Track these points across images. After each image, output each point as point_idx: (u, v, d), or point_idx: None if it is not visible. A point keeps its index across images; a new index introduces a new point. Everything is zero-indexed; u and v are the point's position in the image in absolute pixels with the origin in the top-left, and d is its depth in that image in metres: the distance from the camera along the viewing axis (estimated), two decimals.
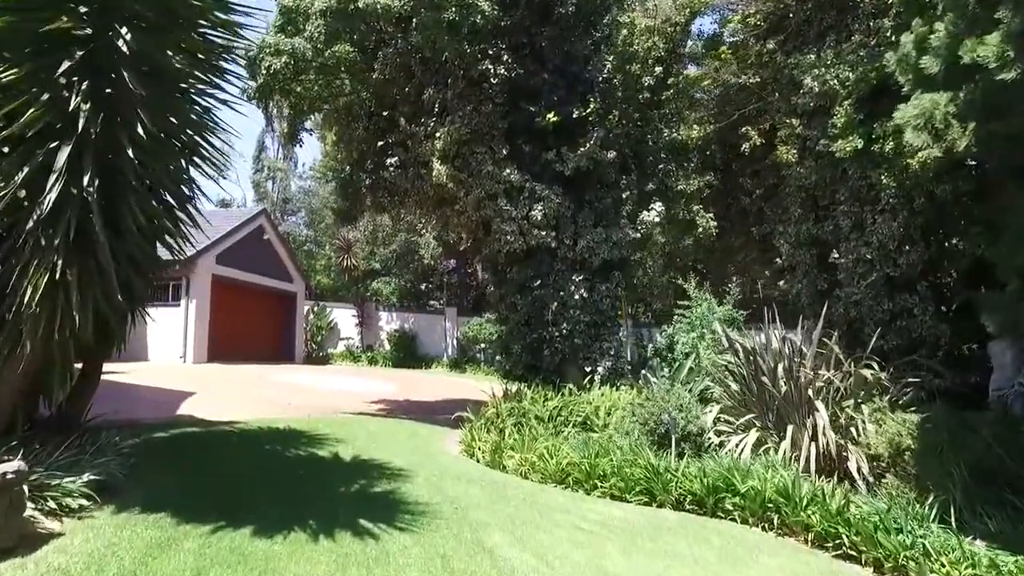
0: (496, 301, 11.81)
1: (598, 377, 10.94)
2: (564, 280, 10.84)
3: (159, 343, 20.01)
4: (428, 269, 32.05)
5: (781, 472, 7.20)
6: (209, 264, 20.84)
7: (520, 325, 11.07)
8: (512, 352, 11.26)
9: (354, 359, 28.71)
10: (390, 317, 30.43)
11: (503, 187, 10.77)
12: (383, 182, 12.09)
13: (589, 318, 10.89)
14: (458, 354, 28.88)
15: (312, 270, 35.68)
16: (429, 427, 10.71)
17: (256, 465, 6.27)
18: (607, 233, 10.76)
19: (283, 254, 26.04)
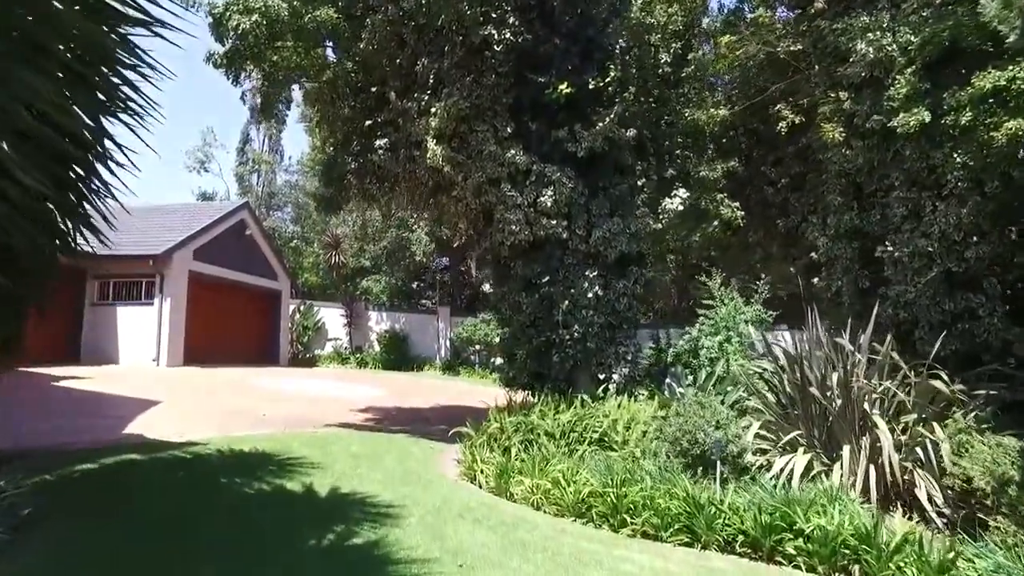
0: (498, 300, 10.52)
1: (614, 386, 9.68)
2: (576, 276, 9.57)
3: (131, 345, 18.62)
4: (420, 267, 30.74)
5: (851, 505, 5.97)
6: (185, 260, 19.43)
7: (525, 327, 9.79)
8: (516, 357, 9.98)
9: (342, 361, 27.35)
10: (380, 317, 29.08)
11: (507, 170, 9.48)
12: (371, 166, 10.79)
13: (604, 319, 9.63)
14: (451, 356, 27.58)
15: (299, 268, 34.26)
16: (423, 443, 9.41)
17: (204, 508, 4.96)
18: (624, 223, 9.50)
19: (267, 250, 24.64)
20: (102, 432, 7.45)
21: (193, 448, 6.62)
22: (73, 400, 10.92)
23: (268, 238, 25.90)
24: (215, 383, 15.68)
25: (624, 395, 9.36)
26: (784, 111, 10.30)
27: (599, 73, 9.21)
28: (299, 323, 27.65)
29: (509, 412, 9.01)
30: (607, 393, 9.49)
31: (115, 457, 5.84)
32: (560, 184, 9.16)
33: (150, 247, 18.73)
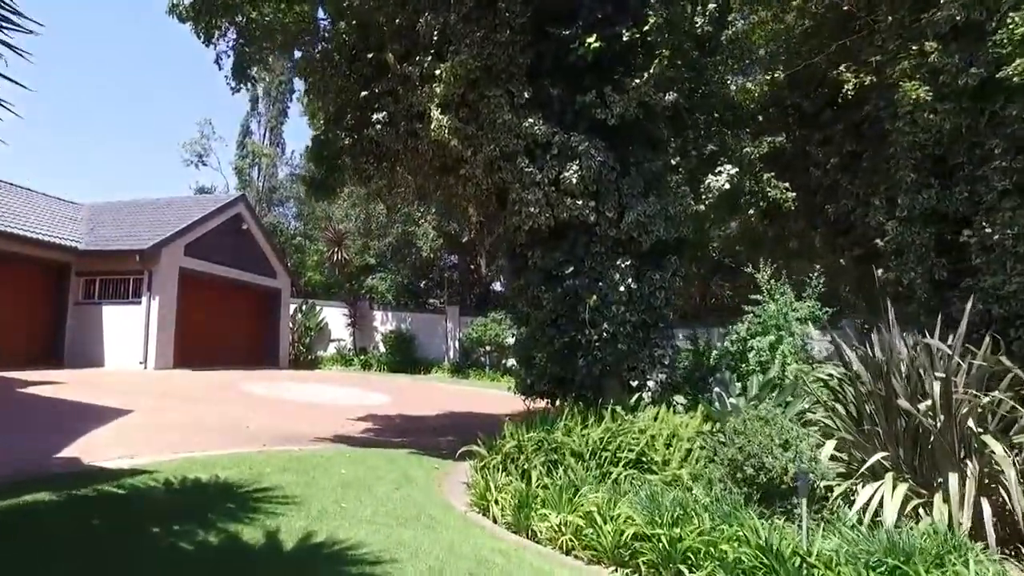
0: (513, 295, 9.13)
1: (648, 394, 8.28)
2: (605, 266, 8.18)
3: (117, 346, 17.39)
4: (427, 264, 29.39)
5: (982, 557, 4.57)
6: (176, 256, 18.17)
7: (546, 326, 8.39)
8: (535, 361, 8.58)
9: (346, 363, 26.09)
10: (385, 317, 27.80)
11: (524, 143, 8.10)
12: (367, 143, 9.42)
13: (637, 317, 8.22)
14: (460, 358, 26.28)
15: (303, 266, 33.02)
16: (427, 462, 8.05)
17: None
18: (661, 204, 8.09)
19: (265, 246, 23.37)
20: (35, 454, 6.11)
21: (136, 479, 5.28)
22: (28, 411, 9.63)
23: (267, 234, 24.65)
24: (202, 388, 14.38)
25: (661, 405, 7.95)
26: (845, 74, 8.84)
27: (634, 24, 7.79)
28: (300, 323, 26.40)
29: (527, 426, 7.62)
30: (640, 403, 8.09)
31: (22, 498, 4.47)
32: (587, 156, 7.76)
33: (138, 242, 17.48)
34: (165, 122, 58.35)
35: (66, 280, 17.89)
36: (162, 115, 57.52)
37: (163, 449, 6.92)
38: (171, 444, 7.33)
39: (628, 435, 7.24)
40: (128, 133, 56.54)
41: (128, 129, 56.67)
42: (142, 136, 57.16)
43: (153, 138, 57.85)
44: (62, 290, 17.86)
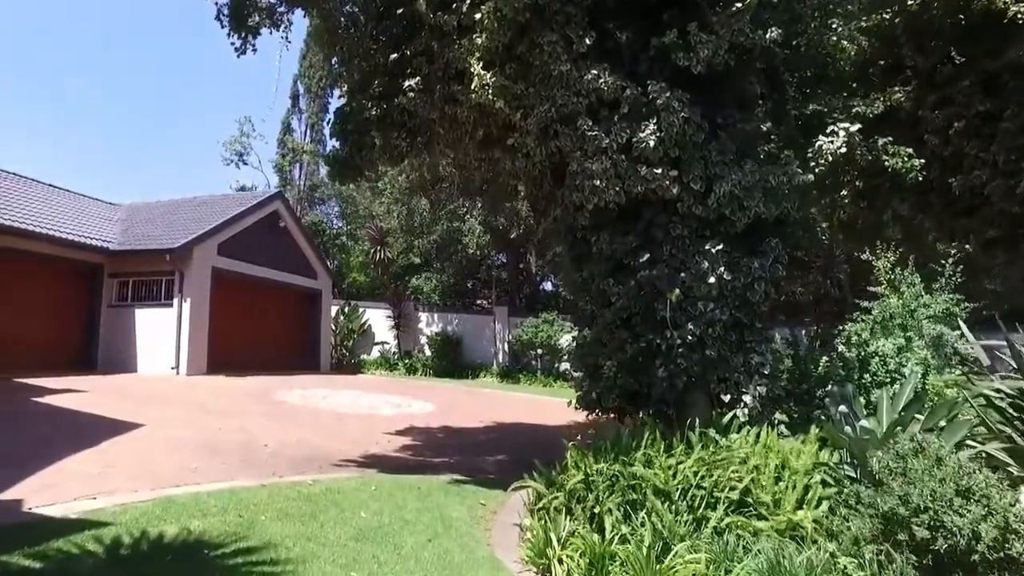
0: (574, 291, 7.55)
1: (744, 411, 6.58)
2: (688, 252, 6.55)
3: (149, 351, 16.48)
4: (473, 262, 28.00)
5: None
6: (208, 255, 17.19)
7: (615, 328, 6.80)
8: (601, 371, 6.98)
9: (390, 367, 24.91)
10: (431, 318, 26.52)
11: (586, 101, 6.54)
12: (398, 114, 8.00)
13: (728, 315, 6.56)
14: (510, 361, 24.81)
15: (346, 267, 32.09)
16: (470, 495, 6.55)
17: None
18: (761, 174, 6.42)
19: (304, 245, 22.32)
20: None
21: (74, 537, 3.94)
22: (22, 426, 8.53)
23: (306, 232, 23.64)
24: (231, 397, 13.25)
25: (763, 426, 6.26)
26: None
27: None
28: (343, 326, 25.35)
29: (595, 453, 6.04)
30: (733, 422, 6.42)
31: None
32: (668, 112, 6.12)
33: (168, 241, 16.55)
34: (207, 121, 58.72)
35: (99, 282, 17.11)
36: (203, 114, 57.79)
37: (145, 483, 5.60)
38: (160, 474, 6.02)
39: (727, 467, 5.59)
40: (169, 133, 56.95)
41: (170, 128, 57.02)
42: (184, 136, 57.45)
43: (195, 138, 58.19)
44: (95, 293, 17.09)
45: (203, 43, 56.44)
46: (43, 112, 52.02)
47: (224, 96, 58.03)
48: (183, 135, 57.06)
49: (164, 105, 55.74)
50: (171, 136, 56.83)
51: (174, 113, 56.17)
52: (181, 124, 56.73)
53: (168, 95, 55.84)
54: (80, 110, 53.42)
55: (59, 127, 53.11)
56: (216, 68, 56.41)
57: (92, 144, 54.56)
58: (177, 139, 56.97)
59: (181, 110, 56.11)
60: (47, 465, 5.93)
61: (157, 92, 55.74)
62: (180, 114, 56.25)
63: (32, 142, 50.41)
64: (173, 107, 55.64)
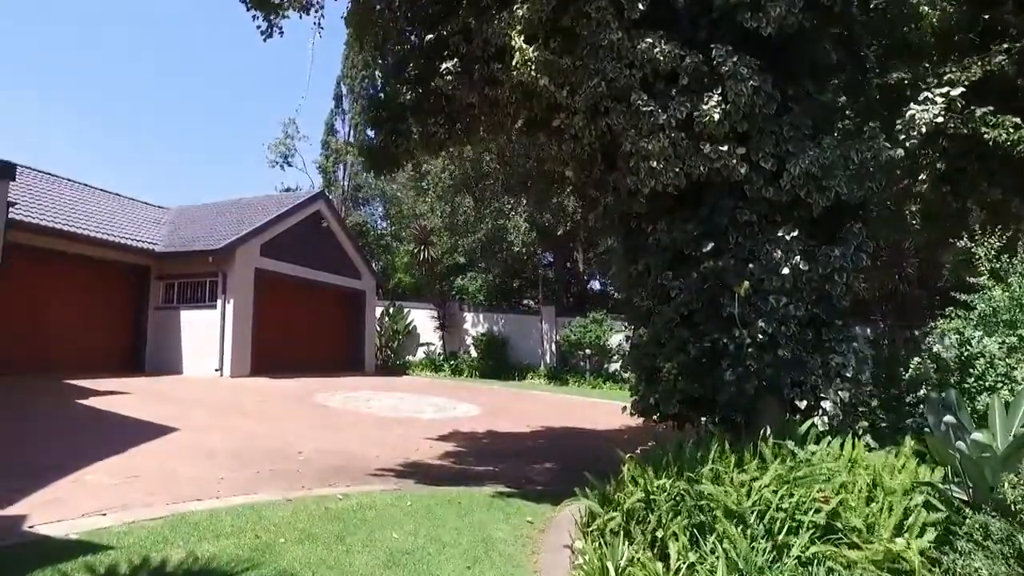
0: (629, 286, 6.87)
1: (823, 420, 5.80)
2: (758, 240, 5.81)
3: (194, 352, 16.41)
4: (519, 261, 27.39)
5: None
6: (251, 256, 17.04)
7: (675, 326, 6.10)
8: (659, 373, 6.29)
9: (435, 369, 24.53)
10: (476, 318, 26.06)
11: (640, 73, 5.87)
12: (435, 98, 7.48)
13: (804, 311, 5.80)
14: (558, 362, 24.14)
15: (391, 267, 31.91)
16: (515, 510, 5.94)
17: None
18: (842, 149, 5.65)
19: (348, 245, 22.12)
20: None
21: (68, 563, 3.49)
22: (61, 428, 8.31)
23: (350, 232, 23.45)
24: (272, 400, 12.97)
25: (847, 436, 5.47)
26: None
27: None
28: (388, 327, 25.08)
29: (655, 466, 5.37)
30: (810, 432, 5.65)
31: None
32: (736, 80, 5.41)
33: (212, 242, 16.45)
34: (252, 123, 59.65)
35: (146, 284, 17.16)
36: (250, 116, 58.74)
37: (163, 496, 5.18)
38: (182, 486, 5.61)
39: (811, 485, 4.85)
40: (213, 136, 58.05)
41: (212, 131, 58.11)
42: (227, 138, 58.46)
43: (240, 139, 59.12)
44: (142, 295, 17.14)
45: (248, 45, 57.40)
46: (99, 118, 53.68)
47: (271, 98, 58.95)
48: (231, 137, 58.15)
49: (212, 106, 56.92)
50: (219, 138, 57.98)
51: (223, 114, 57.28)
52: (230, 125, 57.83)
53: (216, 96, 56.99)
54: (133, 115, 54.94)
55: (114, 132, 54.72)
56: (263, 69, 57.30)
57: (143, 148, 56.05)
58: (225, 141, 58.10)
59: (229, 110, 57.19)
60: (68, 473, 5.59)
61: (206, 92, 56.95)
62: (228, 115, 57.33)
63: (85, 147, 52.05)
64: (222, 107, 56.76)
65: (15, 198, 14.68)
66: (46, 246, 14.31)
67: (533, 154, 8.28)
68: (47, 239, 14.19)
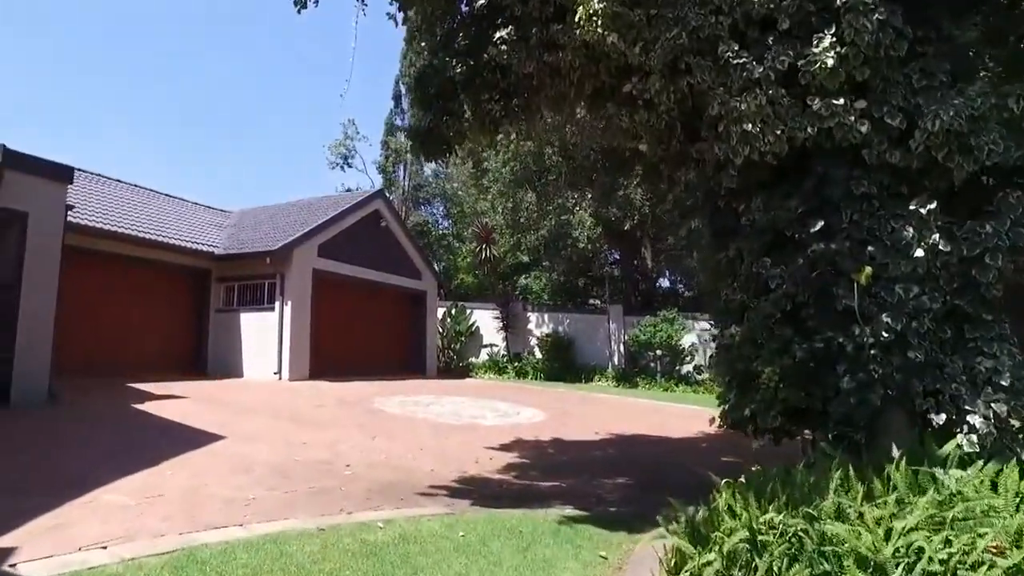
0: (713, 276, 5.85)
1: (969, 438, 4.65)
2: (881, 217, 4.73)
3: (253, 355, 16.17)
4: (584, 258, 26.36)
5: None
6: (308, 257, 16.69)
7: (776, 322, 5.07)
8: (757, 380, 5.26)
9: (499, 371, 23.79)
10: (541, 318, 25.20)
11: (729, 19, 4.89)
12: (489, 71, 6.66)
13: (942, 302, 4.68)
14: (626, 363, 23.03)
15: (453, 268, 31.43)
16: (585, 539, 5.02)
17: None
18: (997, 96, 4.51)
19: (408, 245, 21.63)
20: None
21: None
22: (105, 436, 7.92)
23: (409, 232, 22.98)
24: (328, 405, 12.45)
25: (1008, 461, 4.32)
26: None
27: None
28: (450, 328, 24.51)
29: (758, 494, 4.36)
30: (953, 454, 4.51)
31: None
32: (857, 13, 4.35)
33: (269, 244, 16.17)
34: (317, 126, 60.55)
35: (207, 287, 17.06)
36: (315, 118, 59.62)
37: (179, 522, 4.53)
38: (204, 510, 4.96)
39: (971, 522, 3.76)
40: (276, 139, 59.14)
41: (277, 134, 59.18)
42: (290, 142, 59.45)
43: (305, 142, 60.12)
44: (204, 297, 17.05)
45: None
46: (171, 125, 55.53)
47: (330, 99, 59.70)
48: (296, 140, 59.19)
49: (276, 107, 58.06)
50: (284, 141, 59.10)
51: (287, 115, 58.36)
52: (295, 128, 58.87)
53: (279, 99, 58.12)
54: (201, 120, 56.61)
55: (182, 138, 56.53)
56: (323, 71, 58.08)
57: (211, 154, 57.67)
58: (290, 144, 59.18)
59: (293, 111, 58.20)
60: (87, 490, 5.04)
61: (272, 98, 58.16)
62: (292, 116, 58.35)
63: (155, 153, 53.87)
64: (286, 109, 57.84)
65: (81, 202, 14.78)
66: (110, 250, 14.31)
67: (598, 135, 7.32)
68: (111, 242, 14.18)
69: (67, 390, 11.35)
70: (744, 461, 9.85)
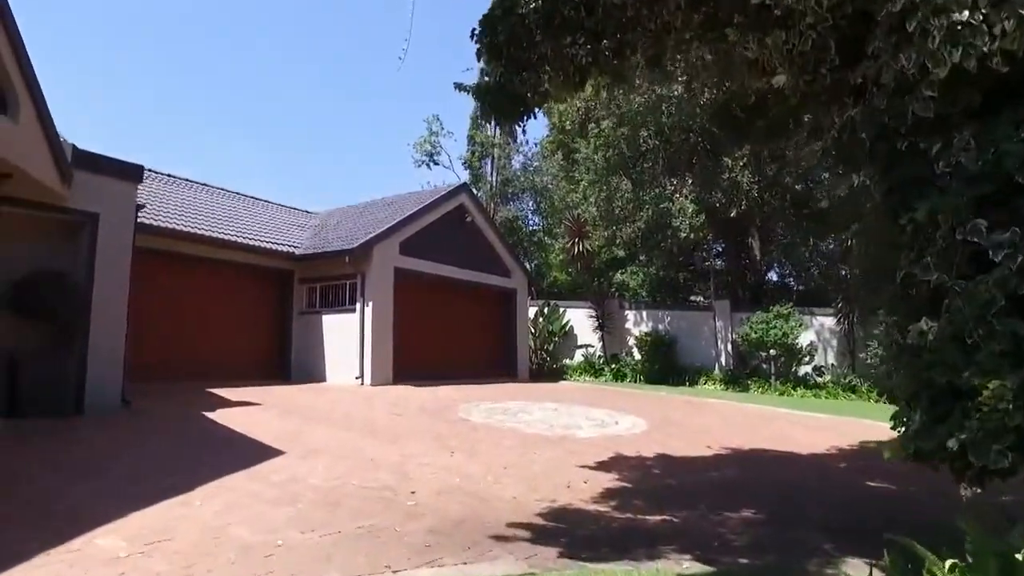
0: (889, 249, 4.22)
1: None
2: None
3: (336, 359, 15.52)
4: (685, 250, 24.37)
5: None
6: (389, 255, 15.86)
7: (999, 313, 3.44)
8: (974, 399, 3.62)
9: (595, 373, 22.30)
10: (639, 316, 23.52)
11: None
12: (571, 6, 5.31)
13: None
14: (735, 364, 20.99)
15: (545, 265, 30.15)
16: None
17: None
18: None
19: (495, 241, 20.53)
20: None
21: None
22: (156, 449, 7.17)
23: (496, 228, 21.88)
24: (408, 413, 11.46)
25: None
26: None
27: None
28: (542, 328, 23.25)
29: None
30: None
31: None
32: None
33: (351, 242, 15.46)
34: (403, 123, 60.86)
35: (290, 289, 16.59)
36: (394, 117, 59.91)
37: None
38: (214, 561, 3.88)
39: None
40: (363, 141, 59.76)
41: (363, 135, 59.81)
42: (376, 142, 59.91)
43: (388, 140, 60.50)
44: (287, 300, 16.60)
45: None
46: (260, 126, 57.37)
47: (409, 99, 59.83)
48: (383, 139, 59.75)
49: (362, 107, 58.85)
50: (372, 140, 59.77)
51: (374, 115, 59.01)
52: (381, 127, 59.45)
53: (368, 97, 58.86)
54: (289, 121, 58.15)
55: (270, 139, 58.26)
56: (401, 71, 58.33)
57: (299, 156, 59.13)
58: (378, 143, 59.78)
59: (380, 111, 58.79)
60: (83, 532, 4.09)
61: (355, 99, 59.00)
62: (379, 116, 58.93)
63: (241, 157, 55.67)
64: (373, 109, 58.51)
65: (163, 206, 14.60)
66: (195, 253, 14.03)
67: (712, 78, 5.80)
68: (191, 244, 13.86)
69: (146, 395, 10.95)
70: (896, 486, 7.95)
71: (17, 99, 8.34)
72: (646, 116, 19.50)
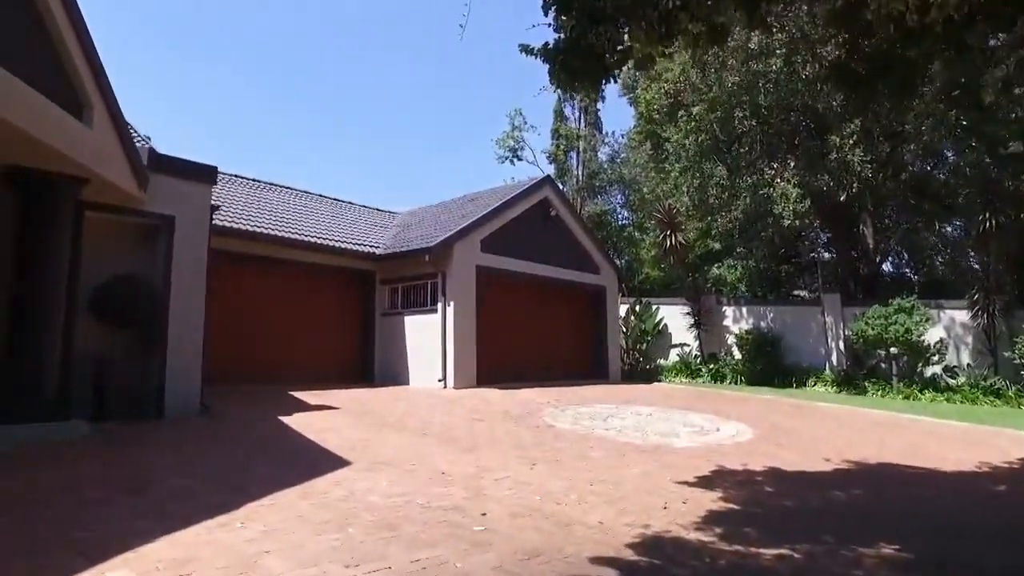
0: None
1: None
2: None
3: (418, 361, 15.13)
4: (787, 239, 22.52)
5: None
6: (471, 253, 15.28)
7: None
8: None
9: (691, 374, 20.96)
10: (738, 313, 21.96)
11: None
12: None
13: None
14: (849, 363, 19.13)
15: (637, 261, 28.89)
16: None
17: None
18: None
19: (582, 236, 19.58)
20: None
21: None
22: (222, 459, 6.80)
23: (583, 222, 20.92)
24: (490, 418, 10.78)
25: None
26: None
27: None
28: (634, 327, 22.11)
29: None
30: None
31: None
32: None
33: (431, 240, 15.01)
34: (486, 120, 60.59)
35: (372, 290, 16.34)
36: (484, 113, 59.60)
37: None
38: None
39: None
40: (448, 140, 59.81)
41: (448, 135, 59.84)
42: (466, 138, 59.81)
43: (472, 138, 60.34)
44: (369, 301, 16.35)
45: None
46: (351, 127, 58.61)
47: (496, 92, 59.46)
48: (470, 136, 59.73)
49: (449, 104, 59.02)
50: (459, 138, 59.89)
51: (460, 113, 59.07)
52: (468, 124, 59.44)
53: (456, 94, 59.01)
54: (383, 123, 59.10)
55: (360, 139, 59.36)
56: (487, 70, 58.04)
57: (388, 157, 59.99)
58: (464, 141, 59.85)
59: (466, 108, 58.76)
60: (97, 562, 3.56)
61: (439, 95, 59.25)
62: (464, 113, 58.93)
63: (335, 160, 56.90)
64: (460, 105, 58.57)
65: (246, 209, 14.65)
66: (274, 255, 13.96)
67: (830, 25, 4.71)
68: (274, 247, 13.82)
69: (226, 399, 10.84)
70: None
71: (91, 103, 8.27)
72: (740, 96, 18.01)
